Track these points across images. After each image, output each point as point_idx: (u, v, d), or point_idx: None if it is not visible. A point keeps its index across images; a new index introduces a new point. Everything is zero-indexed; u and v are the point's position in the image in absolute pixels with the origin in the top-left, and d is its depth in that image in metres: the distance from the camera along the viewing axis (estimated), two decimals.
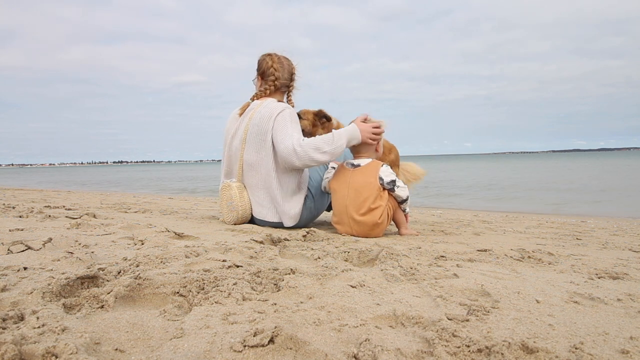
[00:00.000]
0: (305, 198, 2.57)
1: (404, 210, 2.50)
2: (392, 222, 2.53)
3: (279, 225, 2.53)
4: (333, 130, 2.42)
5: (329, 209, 2.82)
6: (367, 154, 2.47)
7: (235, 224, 2.58)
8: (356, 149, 2.48)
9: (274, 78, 2.62)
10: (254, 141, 2.50)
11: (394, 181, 2.35)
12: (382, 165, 2.38)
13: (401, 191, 2.37)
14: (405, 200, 2.43)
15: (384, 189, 2.34)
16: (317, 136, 2.40)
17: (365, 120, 2.49)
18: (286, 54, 2.70)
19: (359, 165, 2.40)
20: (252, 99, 2.67)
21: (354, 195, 2.33)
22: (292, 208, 2.49)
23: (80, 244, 1.69)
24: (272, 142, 2.44)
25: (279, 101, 2.59)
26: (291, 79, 2.69)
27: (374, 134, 2.44)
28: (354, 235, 2.33)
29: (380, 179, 2.33)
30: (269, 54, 2.67)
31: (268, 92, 2.63)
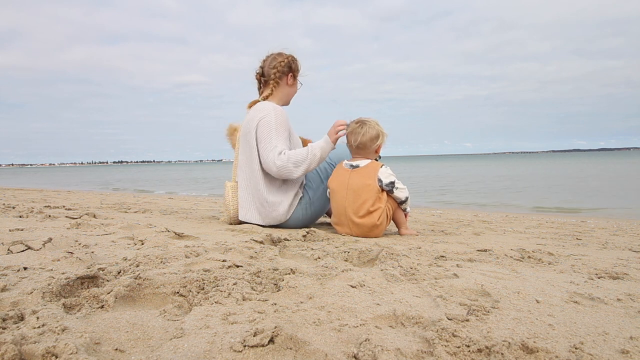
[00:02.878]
0: (300, 199, 2.58)
1: (404, 210, 2.50)
2: (392, 222, 2.53)
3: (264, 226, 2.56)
4: (309, 144, 2.49)
5: (329, 213, 2.86)
6: (365, 155, 2.45)
7: (230, 224, 2.63)
8: (354, 150, 2.46)
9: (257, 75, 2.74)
10: (243, 142, 2.59)
11: (392, 182, 2.34)
12: (381, 167, 2.37)
13: (400, 192, 2.37)
14: (404, 202, 2.42)
15: (382, 190, 2.34)
16: (294, 151, 2.43)
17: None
18: (285, 50, 2.73)
19: (357, 166, 2.39)
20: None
21: (353, 197, 2.32)
22: (277, 207, 2.50)
23: (80, 244, 1.69)
24: (257, 146, 2.49)
25: (268, 100, 2.64)
26: (270, 70, 2.65)
27: (337, 131, 2.47)
28: (353, 236, 2.33)
29: (379, 180, 2.32)
30: None
31: (261, 91, 2.73)
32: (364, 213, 2.29)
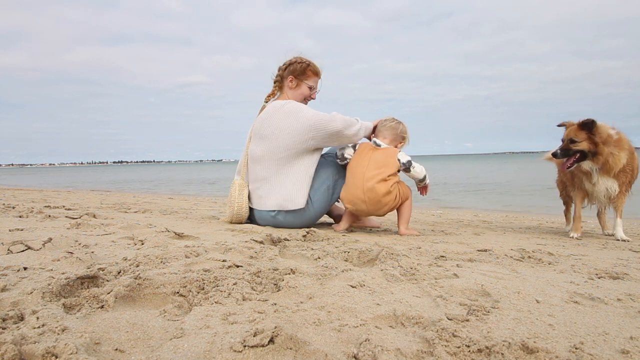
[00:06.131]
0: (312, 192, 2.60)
1: (424, 183, 2.63)
2: (396, 216, 2.59)
3: (277, 215, 2.57)
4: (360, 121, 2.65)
5: (328, 214, 3.00)
6: (389, 139, 2.61)
7: (231, 222, 2.64)
8: (383, 132, 2.63)
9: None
10: (257, 135, 2.61)
11: (409, 161, 2.53)
12: (399, 151, 2.57)
13: (417, 170, 2.54)
14: (423, 179, 2.59)
15: (399, 170, 2.52)
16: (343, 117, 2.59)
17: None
18: (301, 54, 2.80)
19: (380, 145, 2.58)
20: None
21: (374, 166, 2.49)
22: (297, 192, 2.53)
23: (80, 244, 1.69)
24: (281, 133, 2.52)
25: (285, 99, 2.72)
26: (277, 72, 2.78)
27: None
28: (361, 213, 2.50)
29: (398, 159, 2.51)
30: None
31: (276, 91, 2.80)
32: (380, 179, 2.43)
